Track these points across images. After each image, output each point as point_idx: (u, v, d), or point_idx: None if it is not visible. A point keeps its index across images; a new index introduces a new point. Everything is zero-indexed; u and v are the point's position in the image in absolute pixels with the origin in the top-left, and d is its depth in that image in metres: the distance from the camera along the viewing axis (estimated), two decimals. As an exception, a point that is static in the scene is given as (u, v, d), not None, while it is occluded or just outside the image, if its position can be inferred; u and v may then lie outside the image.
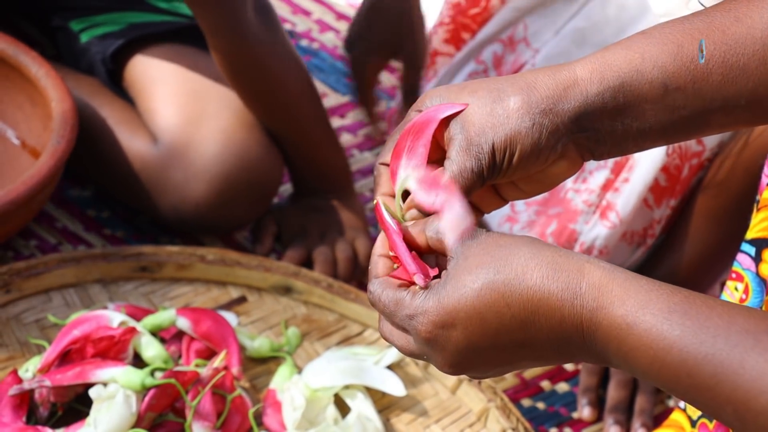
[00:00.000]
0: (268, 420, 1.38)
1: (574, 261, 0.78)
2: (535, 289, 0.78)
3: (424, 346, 0.82)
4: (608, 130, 0.87)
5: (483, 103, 0.86)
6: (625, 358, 0.77)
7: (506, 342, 0.80)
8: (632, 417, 1.56)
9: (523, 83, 0.87)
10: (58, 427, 1.32)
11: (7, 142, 1.65)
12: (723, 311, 0.75)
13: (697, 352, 0.74)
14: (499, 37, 1.68)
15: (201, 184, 1.57)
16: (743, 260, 1.03)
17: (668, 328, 0.75)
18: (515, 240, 0.80)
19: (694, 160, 1.52)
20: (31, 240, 1.66)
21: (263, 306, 1.53)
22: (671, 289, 0.77)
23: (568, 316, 0.78)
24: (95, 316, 1.38)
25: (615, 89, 0.86)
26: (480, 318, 0.79)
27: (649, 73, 0.85)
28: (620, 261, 1.63)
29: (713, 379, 0.73)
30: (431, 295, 0.81)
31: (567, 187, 1.60)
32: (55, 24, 1.76)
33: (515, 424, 1.42)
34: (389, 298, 0.83)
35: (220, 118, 1.59)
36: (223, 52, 1.53)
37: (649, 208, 1.57)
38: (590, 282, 0.77)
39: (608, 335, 0.77)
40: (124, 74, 1.69)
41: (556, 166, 0.88)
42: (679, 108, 0.86)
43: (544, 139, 0.85)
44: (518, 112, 0.85)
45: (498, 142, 0.85)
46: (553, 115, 0.85)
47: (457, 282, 0.80)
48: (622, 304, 0.76)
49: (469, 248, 0.80)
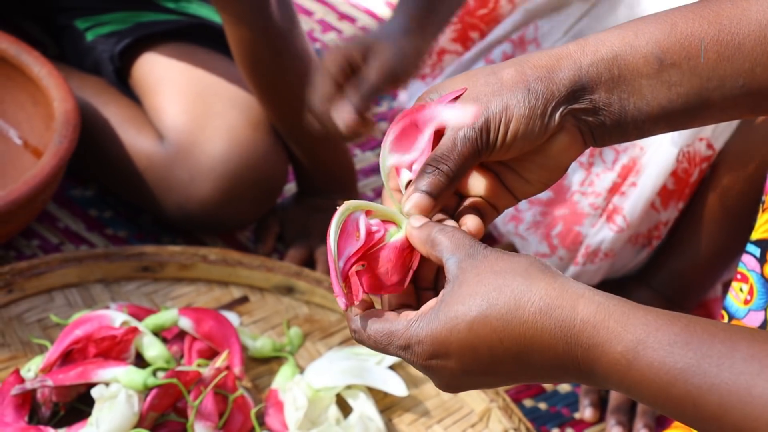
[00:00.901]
0: (270, 420, 1.38)
1: (569, 295, 0.77)
2: (527, 325, 0.77)
3: (421, 370, 0.81)
4: (605, 104, 0.85)
5: (477, 78, 0.86)
6: (628, 391, 0.76)
7: (500, 370, 0.79)
8: (634, 418, 1.56)
9: (516, 60, 0.86)
10: (60, 426, 1.32)
11: (9, 142, 1.65)
12: (725, 337, 0.74)
13: (702, 383, 0.73)
14: (509, 37, 1.68)
15: (207, 182, 1.57)
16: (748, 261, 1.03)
17: (671, 362, 0.74)
18: (511, 267, 0.78)
19: (704, 165, 1.52)
20: (33, 240, 1.66)
21: (265, 306, 1.53)
22: (670, 318, 0.76)
23: (562, 352, 0.76)
24: (97, 316, 1.38)
25: (608, 61, 0.85)
26: (473, 350, 0.78)
27: (643, 48, 0.85)
28: (625, 262, 1.63)
29: (720, 409, 0.72)
30: (424, 325, 0.79)
31: (573, 189, 1.59)
32: (60, 22, 1.76)
33: (517, 425, 1.42)
34: (378, 331, 0.81)
35: (227, 116, 1.59)
36: (244, 41, 1.52)
37: (656, 211, 1.57)
38: (584, 318, 0.76)
39: (608, 371, 0.76)
40: (131, 72, 1.70)
41: (555, 142, 0.86)
42: (675, 85, 0.85)
43: (540, 106, 0.84)
44: (512, 81, 0.85)
45: (493, 111, 0.84)
46: (547, 81, 0.84)
47: (449, 312, 0.78)
48: (620, 341, 0.75)
49: (464, 272, 0.79)
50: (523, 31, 1.67)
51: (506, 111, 0.84)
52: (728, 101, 0.86)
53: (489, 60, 1.71)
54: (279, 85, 1.56)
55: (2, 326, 1.44)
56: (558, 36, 1.65)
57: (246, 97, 1.62)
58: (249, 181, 1.58)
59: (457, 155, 0.84)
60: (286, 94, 1.57)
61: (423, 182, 0.84)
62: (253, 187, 1.59)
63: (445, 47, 1.75)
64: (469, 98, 0.85)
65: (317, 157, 1.65)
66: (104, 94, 1.68)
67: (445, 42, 1.74)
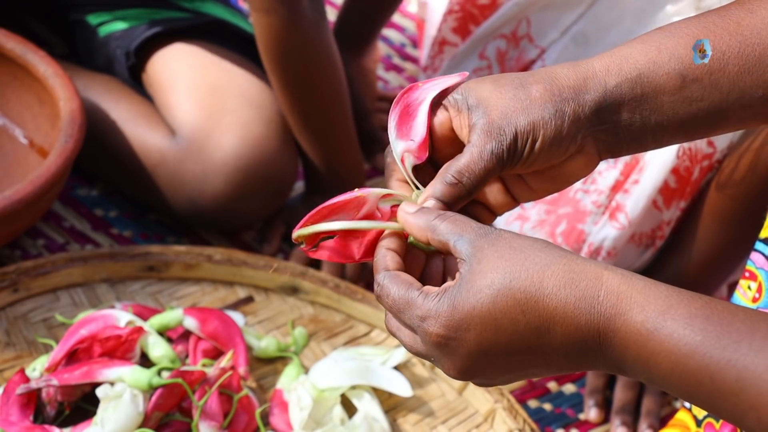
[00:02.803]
0: (274, 420, 1.38)
1: (592, 268, 0.77)
2: (551, 297, 0.77)
3: (432, 349, 0.80)
4: (626, 124, 0.86)
5: (506, 90, 0.85)
6: (646, 364, 0.76)
7: (519, 348, 0.78)
8: (639, 418, 1.56)
9: (544, 74, 0.86)
10: (65, 426, 1.32)
11: (15, 142, 1.65)
12: (746, 317, 0.74)
13: (720, 357, 0.73)
14: (501, 32, 1.68)
15: (220, 176, 1.58)
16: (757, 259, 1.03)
17: (690, 333, 0.74)
18: (529, 243, 0.79)
19: (705, 162, 1.52)
20: (39, 239, 1.66)
21: (270, 306, 1.53)
22: (691, 295, 0.76)
23: (584, 324, 0.77)
24: (102, 316, 1.38)
25: (633, 81, 0.85)
26: (495, 323, 0.78)
27: (665, 65, 0.85)
28: (629, 263, 1.63)
29: (737, 385, 0.72)
30: (445, 299, 0.79)
31: (576, 188, 1.59)
32: (72, 18, 1.77)
33: (522, 425, 1.42)
34: (399, 295, 0.80)
35: (239, 113, 1.60)
36: (272, 30, 1.51)
37: (659, 210, 1.57)
38: (608, 289, 0.76)
39: (627, 341, 0.76)
40: (144, 69, 1.70)
41: (573, 161, 0.87)
42: (696, 100, 0.85)
43: (566, 128, 0.84)
44: (541, 99, 0.85)
45: (521, 126, 0.84)
46: (575, 104, 0.85)
47: (472, 286, 0.78)
48: (641, 311, 0.75)
49: (481, 250, 0.79)
50: (516, 26, 1.66)
51: (534, 129, 0.84)
52: (747, 112, 0.86)
53: (483, 56, 1.71)
54: (304, 79, 1.56)
55: (8, 325, 1.44)
56: (555, 35, 1.65)
57: (259, 94, 1.63)
58: (261, 177, 1.59)
59: (482, 169, 0.84)
60: (310, 89, 1.57)
61: (441, 191, 0.84)
62: (265, 182, 1.60)
63: (446, 38, 1.75)
64: (497, 111, 0.85)
65: (328, 154, 1.65)
66: (115, 91, 1.69)
67: (446, 32, 1.74)
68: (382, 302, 0.82)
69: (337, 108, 1.61)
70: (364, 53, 1.87)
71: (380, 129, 1.85)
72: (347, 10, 1.84)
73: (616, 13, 1.60)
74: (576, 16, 1.64)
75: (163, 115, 1.66)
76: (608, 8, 1.60)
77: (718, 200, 1.53)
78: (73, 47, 1.81)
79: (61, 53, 1.85)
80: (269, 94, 1.65)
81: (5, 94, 1.65)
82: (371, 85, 1.88)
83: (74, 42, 1.80)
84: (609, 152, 0.88)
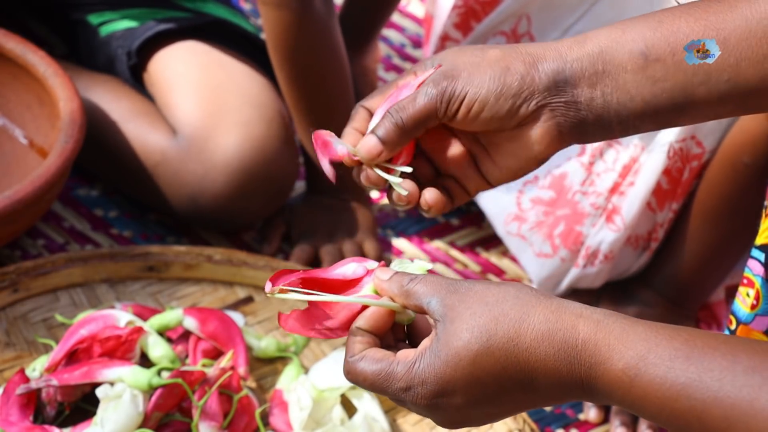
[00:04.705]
0: (274, 420, 1.38)
1: (567, 316, 0.77)
2: (530, 352, 0.77)
3: (422, 410, 0.81)
4: (587, 99, 0.86)
5: (465, 51, 0.88)
6: (632, 407, 0.76)
7: (506, 399, 0.79)
8: (638, 419, 1.56)
9: (508, 45, 0.88)
10: (65, 426, 1.32)
11: (15, 142, 1.65)
12: (726, 351, 0.74)
13: (705, 397, 0.73)
14: (501, 29, 1.68)
15: (221, 175, 1.58)
16: (754, 266, 1.03)
17: (672, 377, 0.74)
18: (501, 296, 0.79)
19: (695, 163, 1.52)
20: (39, 239, 1.66)
21: (270, 306, 1.53)
22: (670, 332, 0.76)
23: (566, 374, 0.77)
24: (102, 316, 1.38)
25: (594, 56, 0.86)
26: (479, 382, 0.78)
27: (628, 44, 0.86)
28: (626, 266, 1.63)
29: (724, 422, 0.73)
30: (425, 365, 0.79)
31: (575, 189, 1.59)
32: (74, 18, 1.77)
33: (522, 426, 1.42)
34: (375, 373, 0.80)
35: (241, 112, 1.60)
36: (282, 24, 1.52)
37: (653, 212, 1.57)
38: (585, 338, 0.76)
39: (610, 387, 0.76)
40: (146, 68, 1.70)
41: (528, 131, 0.87)
42: (660, 80, 0.85)
43: (515, 87, 0.85)
44: (494, 58, 0.86)
45: (465, 76, 0.86)
46: (529, 66, 0.86)
47: (450, 349, 0.78)
48: (621, 357, 0.75)
49: (452, 309, 0.79)
50: (516, 23, 1.66)
51: (479, 81, 0.86)
52: (714, 97, 0.86)
53: None
54: (311, 75, 1.56)
55: (7, 326, 1.44)
56: (556, 34, 1.65)
57: (260, 94, 1.63)
58: (262, 176, 1.59)
59: (415, 108, 0.86)
60: (317, 85, 1.58)
61: (380, 129, 0.87)
62: (266, 182, 1.60)
63: (449, 33, 1.75)
64: (449, 64, 0.87)
65: None
66: (116, 91, 1.69)
67: (449, 28, 1.74)
68: (362, 386, 0.81)
69: (343, 105, 1.61)
70: (365, 52, 1.87)
71: None
72: (348, 7, 1.84)
73: (617, 12, 1.60)
74: (577, 16, 1.64)
75: (164, 114, 1.66)
76: (609, 8, 1.60)
77: (705, 200, 1.53)
78: (73, 47, 1.81)
79: (61, 53, 1.86)
80: (270, 93, 1.65)
81: (5, 94, 1.66)
82: (372, 84, 1.89)
83: (75, 42, 1.80)
84: (574, 134, 0.88)
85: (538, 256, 1.63)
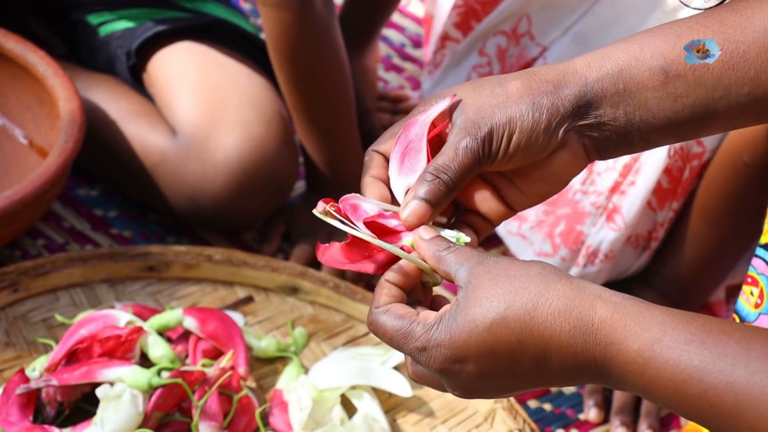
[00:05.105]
0: (274, 420, 1.38)
1: (586, 295, 0.78)
2: (546, 325, 0.77)
3: (435, 374, 0.82)
4: (610, 119, 0.86)
5: (483, 89, 0.86)
6: (644, 389, 0.77)
7: (518, 372, 0.79)
8: (639, 419, 1.56)
9: (524, 72, 0.87)
10: (65, 426, 1.32)
11: (14, 142, 1.65)
12: (741, 337, 0.75)
13: (717, 381, 0.73)
14: (501, 28, 1.68)
15: (220, 175, 1.58)
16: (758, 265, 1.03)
17: (686, 360, 0.74)
18: (525, 271, 0.80)
19: (695, 162, 1.52)
20: (39, 239, 1.66)
21: (270, 306, 1.53)
22: (686, 317, 0.77)
23: (581, 351, 0.77)
24: (102, 316, 1.38)
25: (614, 76, 0.86)
26: (491, 353, 0.79)
27: (648, 61, 0.86)
28: (626, 266, 1.63)
29: (735, 408, 0.73)
30: (442, 328, 0.80)
31: (575, 189, 1.59)
32: (73, 18, 1.77)
33: (522, 425, 1.42)
34: (395, 329, 0.81)
35: (240, 112, 1.60)
36: (282, 25, 1.52)
37: (653, 211, 1.57)
38: (602, 317, 0.77)
39: (624, 369, 0.76)
40: (146, 69, 1.70)
41: (558, 158, 0.87)
42: (681, 96, 0.86)
43: (545, 121, 0.85)
44: (518, 94, 0.86)
45: (496, 120, 0.85)
46: (553, 97, 0.85)
47: (467, 315, 0.79)
48: (636, 339, 0.76)
49: (477, 277, 0.80)
50: (516, 22, 1.67)
51: (510, 123, 0.85)
52: (734, 110, 0.86)
53: (483, 52, 1.71)
54: (312, 75, 1.57)
55: (7, 325, 1.44)
56: (556, 34, 1.65)
57: (259, 94, 1.63)
58: (261, 176, 1.59)
59: (458, 165, 0.85)
60: (318, 86, 1.58)
61: (422, 190, 0.85)
62: (266, 182, 1.60)
63: (449, 33, 1.75)
64: (473, 108, 0.86)
65: (330, 154, 1.65)
66: (116, 91, 1.69)
67: (449, 27, 1.74)
68: (381, 338, 0.83)
69: (343, 106, 1.62)
70: (365, 52, 1.87)
71: (380, 128, 1.85)
72: (348, 7, 1.84)
73: (617, 12, 1.60)
74: (577, 16, 1.64)
75: (163, 114, 1.66)
76: (609, 8, 1.60)
77: (705, 200, 1.53)
78: (73, 47, 1.81)
79: (61, 53, 1.86)
80: (270, 93, 1.65)
81: (5, 94, 1.65)
82: (372, 84, 1.88)
83: (75, 42, 1.80)
84: (598, 152, 0.88)
85: (539, 255, 1.63)
